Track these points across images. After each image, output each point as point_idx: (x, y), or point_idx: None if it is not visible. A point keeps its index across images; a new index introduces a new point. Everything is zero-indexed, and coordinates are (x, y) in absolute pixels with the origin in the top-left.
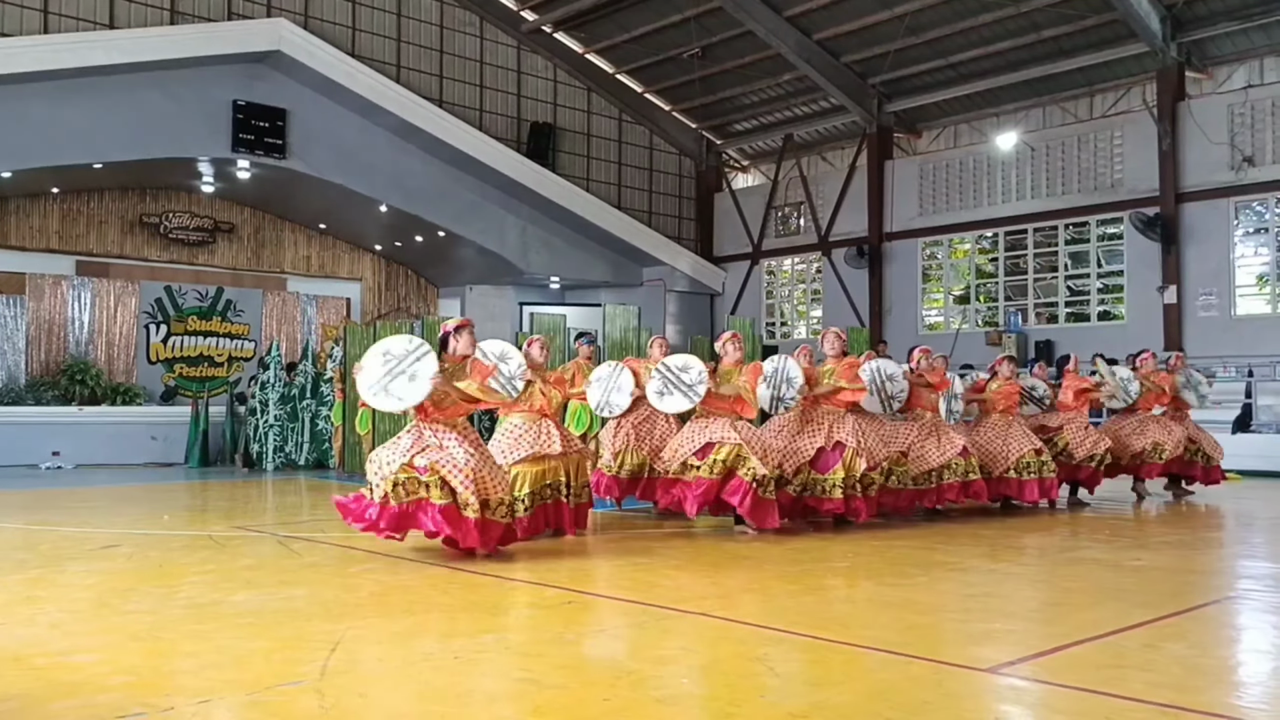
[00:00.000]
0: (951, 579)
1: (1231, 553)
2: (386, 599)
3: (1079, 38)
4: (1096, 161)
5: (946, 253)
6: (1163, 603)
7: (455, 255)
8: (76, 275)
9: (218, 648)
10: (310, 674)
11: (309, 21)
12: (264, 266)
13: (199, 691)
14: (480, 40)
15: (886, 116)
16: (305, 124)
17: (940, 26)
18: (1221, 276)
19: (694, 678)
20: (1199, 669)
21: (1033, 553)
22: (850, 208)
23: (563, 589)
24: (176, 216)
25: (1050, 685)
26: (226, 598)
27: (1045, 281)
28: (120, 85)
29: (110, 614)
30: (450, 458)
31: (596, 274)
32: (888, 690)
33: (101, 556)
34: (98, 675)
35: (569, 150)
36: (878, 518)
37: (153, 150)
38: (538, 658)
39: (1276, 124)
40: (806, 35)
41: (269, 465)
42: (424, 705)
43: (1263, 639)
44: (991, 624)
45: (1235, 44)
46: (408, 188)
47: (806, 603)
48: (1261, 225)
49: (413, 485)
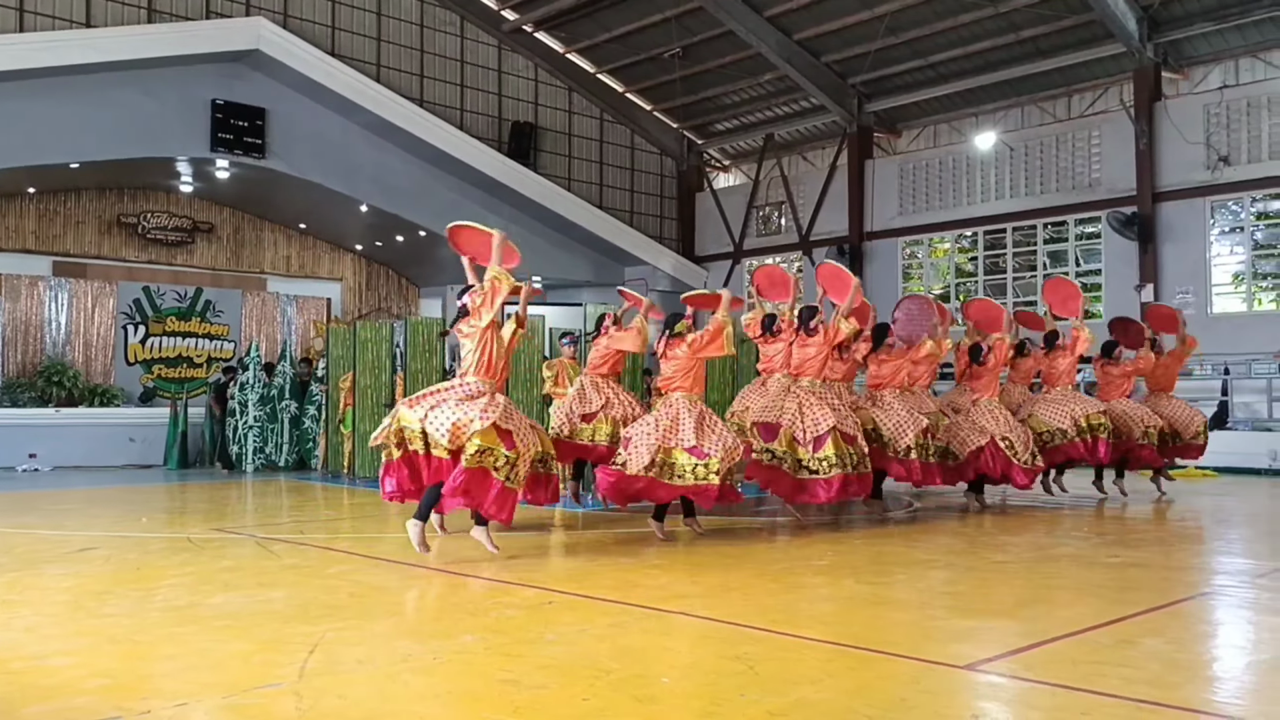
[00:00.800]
0: (931, 576)
1: (1208, 549)
2: (366, 600)
3: (1057, 38)
4: (1074, 161)
5: (926, 252)
6: (1140, 599)
7: (436, 255)
8: (53, 276)
9: (195, 650)
10: (289, 676)
11: (288, 20)
12: (243, 267)
13: (176, 694)
14: (461, 39)
15: (867, 116)
16: (285, 123)
17: (920, 27)
18: (1198, 275)
19: (675, 677)
20: (1175, 665)
21: (1012, 550)
22: (831, 207)
23: (543, 589)
24: (155, 216)
25: (1028, 682)
26: (204, 600)
27: (1024, 280)
28: (97, 84)
29: (87, 617)
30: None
31: (578, 274)
32: (867, 688)
33: (78, 559)
34: (74, 679)
35: (550, 150)
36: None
37: (130, 150)
38: (518, 658)
39: (1251, 124)
40: (787, 35)
41: (249, 466)
42: (404, 706)
43: (1238, 635)
44: (970, 621)
45: (1211, 44)
46: (388, 187)
47: (787, 601)
48: (1237, 224)
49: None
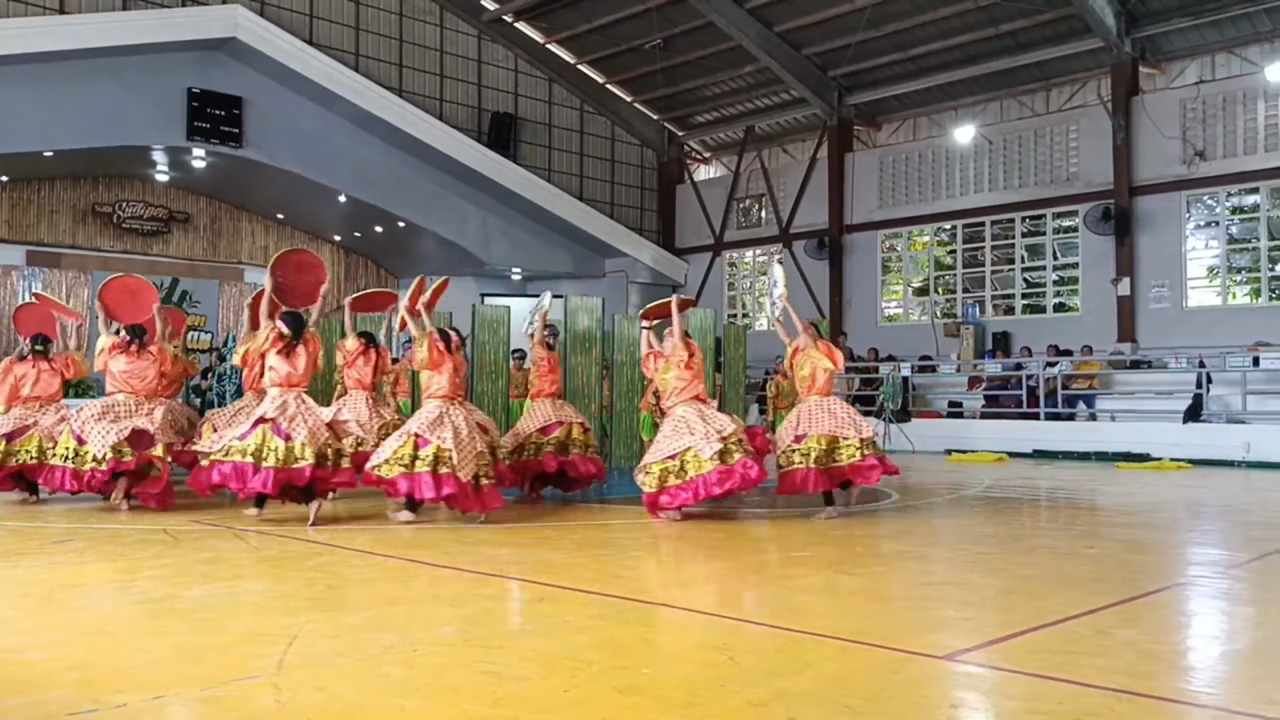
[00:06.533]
0: (910, 568)
1: (1182, 540)
2: (345, 592)
3: (1035, 32)
4: (1052, 155)
5: (905, 245)
6: (1115, 590)
7: (416, 246)
8: (27, 265)
9: (172, 643)
10: (267, 668)
11: (265, 8)
12: (220, 257)
13: (152, 687)
14: (440, 29)
15: (847, 109)
16: (262, 112)
17: (900, 20)
18: (1174, 269)
19: (656, 668)
20: (1150, 654)
21: (990, 541)
22: (811, 200)
23: (523, 581)
24: (130, 206)
25: (1005, 671)
26: (181, 592)
27: (1002, 273)
28: (72, 71)
29: (61, 610)
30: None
31: (558, 265)
32: (847, 678)
33: (53, 551)
34: (49, 672)
35: (530, 141)
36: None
37: (105, 138)
38: (498, 650)
39: (1227, 119)
40: (768, 27)
41: None
42: (383, 699)
43: (1212, 625)
44: (948, 612)
45: (1188, 39)
46: (367, 178)
47: (767, 592)
48: (1212, 219)
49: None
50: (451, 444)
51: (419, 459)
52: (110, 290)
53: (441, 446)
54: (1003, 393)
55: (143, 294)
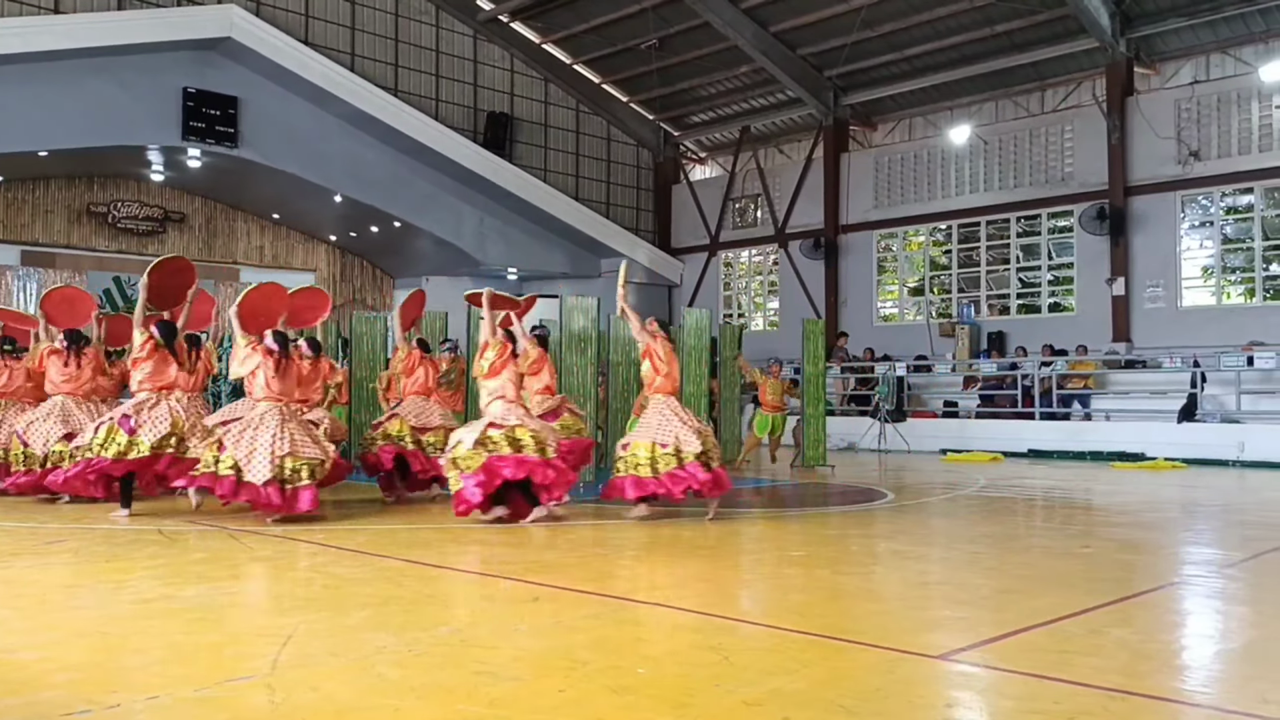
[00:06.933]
0: (905, 567)
1: (1177, 539)
2: (339, 592)
3: (1031, 32)
4: (1047, 155)
5: (901, 245)
6: (1110, 589)
7: (412, 246)
8: (21, 265)
9: (166, 643)
10: (261, 669)
11: (261, 8)
12: (216, 257)
13: (147, 688)
14: (436, 29)
15: (842, 109)
16: (257, 112)
17: (895, 20)
18: (1168, 269)
19: (650, 668)
20: (1144, 654)
21: (985, 541)
22: (806, 200)
23: (518, 580)
24: (125, 206)
25: (1000, 671)
26: (176, 592)
27: (997, 273)
28: (67, 71)
29: (55, 610)
30: None
31: (554, 265)
32: (841, 677)
33: (47, 552)
34: (42, 673)
35: (526, 141)
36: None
37: (101, 138)
38: (493, 650)
39: (1221, 119)
40: (764, 27)
41: None
42: (378, 699)
43: (1206, 624)
44: (943, 611)
45: (1182, 40)
46: (363, 178)
47: (761, 592)
48: (1207, 219)
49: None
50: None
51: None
52: (51, 300)
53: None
54: (998, 392)
55: (80, 303)
